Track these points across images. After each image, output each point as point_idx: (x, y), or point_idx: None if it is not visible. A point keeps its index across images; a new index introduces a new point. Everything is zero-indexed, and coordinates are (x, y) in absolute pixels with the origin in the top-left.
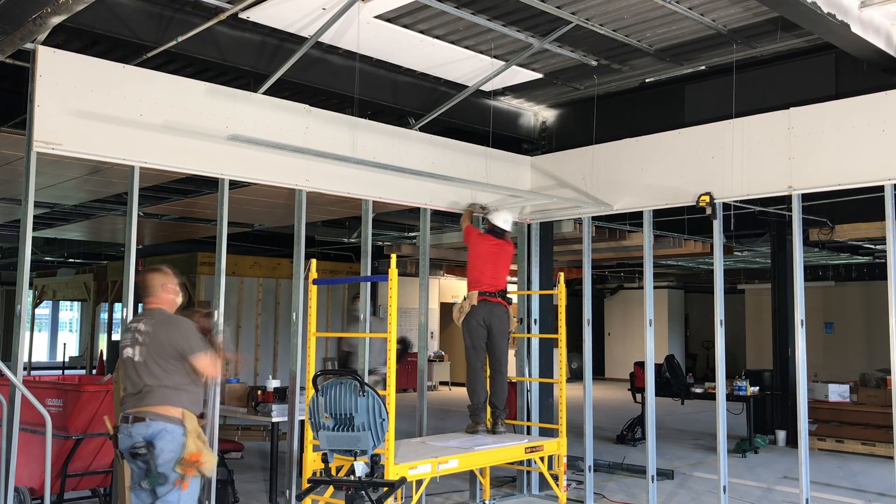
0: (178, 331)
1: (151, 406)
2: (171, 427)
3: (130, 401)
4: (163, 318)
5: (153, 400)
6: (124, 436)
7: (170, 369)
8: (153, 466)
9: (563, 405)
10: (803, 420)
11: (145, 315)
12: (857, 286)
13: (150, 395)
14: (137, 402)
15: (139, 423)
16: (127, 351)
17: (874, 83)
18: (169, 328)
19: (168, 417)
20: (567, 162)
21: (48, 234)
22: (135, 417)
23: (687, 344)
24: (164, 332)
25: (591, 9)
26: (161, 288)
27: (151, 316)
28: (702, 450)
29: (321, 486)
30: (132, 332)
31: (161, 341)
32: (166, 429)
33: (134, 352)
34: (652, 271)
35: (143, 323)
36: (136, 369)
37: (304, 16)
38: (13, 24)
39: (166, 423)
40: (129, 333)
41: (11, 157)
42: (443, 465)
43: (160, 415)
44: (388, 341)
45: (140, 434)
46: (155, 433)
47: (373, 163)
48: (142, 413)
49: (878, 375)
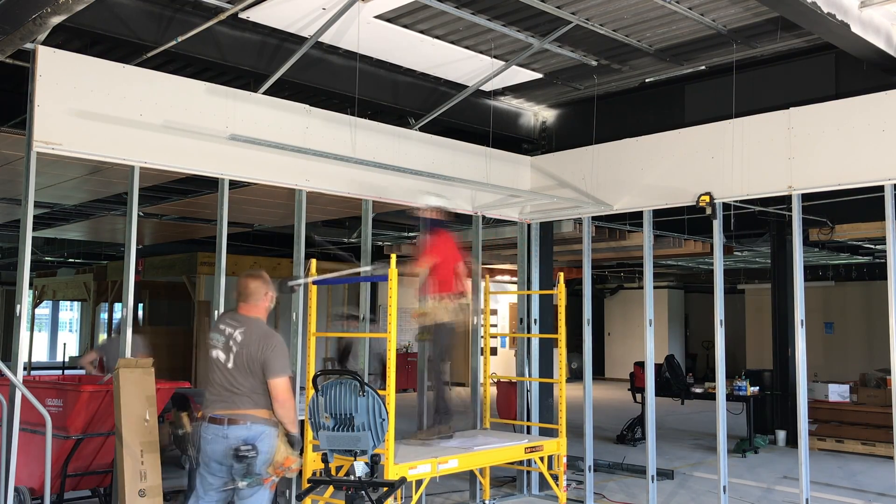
0: (269, 348)
1: (248, 409)
2: (268, 430)
3: (218, 402)
4: (258, 332)
5: (248, 403)
6: (216, 437)
7: (259, 377)
8: (253, 468)
9: (563, 405)
10: (803, 420)
11: (241, 322)
12: (857, 286)
13: (242, 398)
14: (230, 405)
15: (236, 425)
16: (217, 353)
17: (874, 83)
18: (260, 343)
19: (265, 420)
20: (567, 162)
21: (48, 234)
22: (231, 420)
23: (687, 344)
24: (259, 346)
25: (591, 9)
26: (263, 296)
27: (247, 325)
28: (702, 450)
29: (321, 486)
30: (225, 336)
31: (254, 354)
32: (266, 431)
33: (227, 357)
34: (652, 271)
35: (239, 332)
36: (225, 373)
37: (304, 16)
38: (13, 24)
39: (265, 426)
40: (222, 336)
41: (11, 157)
42: (442, 465)
43: (258, 418)
44: (388, 341)
45: (240, 436)
46: (256, 435)
47: (373, 163)
48: (239, 416)
49: (878, 375)
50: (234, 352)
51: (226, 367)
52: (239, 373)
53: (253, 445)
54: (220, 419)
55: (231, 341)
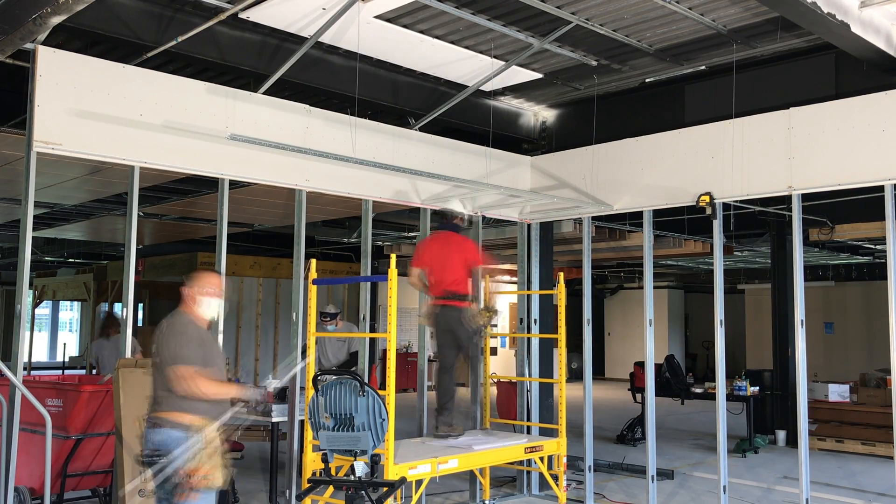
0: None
1: (165, 412)
2: (176, 435)
3: (151, 404)
4: (171, 322)
5: (168, 405)
6: (145, 440)
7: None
8: (162, 473)
9: (563, 405)
10: (803, 420)
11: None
12: (857, 286)
13: (164, 400)
14: (155, 406)
15: (152, 428)
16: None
17: (874, 83)
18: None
19: (178, 425)
20: (567, 162)
21: (48, 234)
22: (150, 422)
23: (687, 344)
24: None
25: (591, 9)
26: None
27: (169, 317)
28: (702, 450)
29: (321, 486)
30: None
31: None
32: (175, 437)
33: (154, 352)
34: (652, 271)
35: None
36: (154, 371)
37: (304, 16)
38: (13, 24)
39: (172, 431)
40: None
41: (11, 157)
42: (442, 465)
43: (170, 421)
44: (388, 341)
45: (153, 441)
46: (162, 440)
47: (373, 163)
48: (153, 419)
49: (878, 375)
50: (154, 350)
51: (154, 364)
52: (159, 372)
53: (157, 451)
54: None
55: (155, 342)
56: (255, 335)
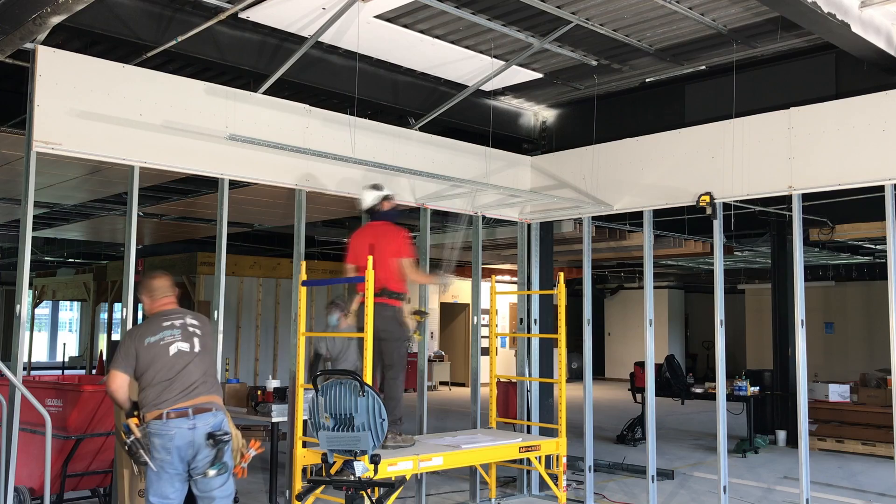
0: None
1: (212, 396)
2: (225, 415)
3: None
4: (202, 317)
5: (208, 390)
6: (180, 430)
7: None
8: (222, 455)
9: (563, 405)
10: (803, 420)
11: (182, 313)
12: (857, 286)
13: (205, 386)
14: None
15: (204, 413)
16: (178, 345)
17: (874, 83)
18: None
19: (221, 406)
20: (567, 162)
21: (48, 234)
22: (198, 409)
23: (687, 344)
24: (208, 328)
25: (591, 9)
26: (171, 289)
27: (188, 314)
28: (702, 450)
29: (318, 486)
30: (177, 328)
31: (209, 335)
32: (225, 418)
33: (191, 344)
34: (652, 271)
35: (188, 318)
36: (193, 361)
37: (303, 16)
38: (13, 23)
39: (223, 412)
40: (174, 330)
41: (11, 157)
42: (425, 462)
43: (219, 404)
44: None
45: (209, 423)
46: (220, 422)
47: (373, 163)
48: (204, 404)
49: (879, 375)
50: (199, 335)
51: (194, 353)
52: (204, 357)
53: (226, 431)
54: (182, 411)
55: (190, 328)
56: (255, 335)
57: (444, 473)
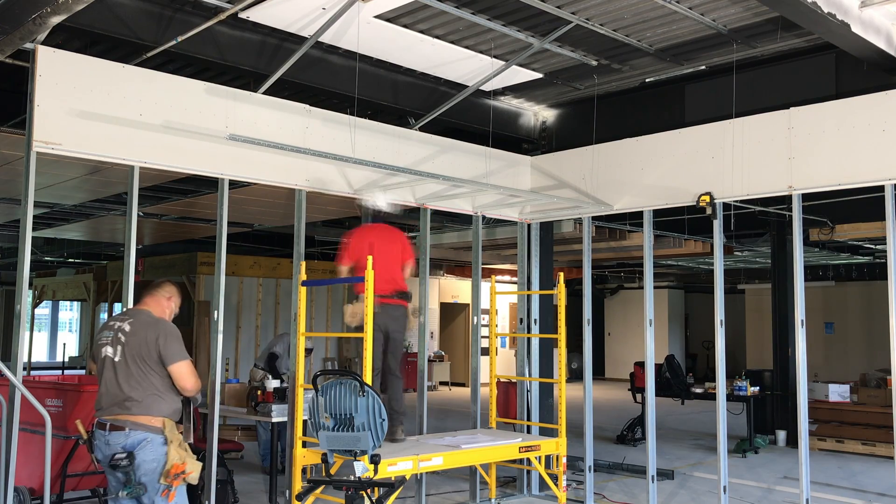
0: (161, 334)
1: (132, 415)
2: (151, 437)
3: (107, 405)
4: (147, 320)
5: (133, 408)
6: (101, 443)
7: (150, 374)
8: (133, 477)
9: (563, 405)
10: (803, 420)
11: (129, 314)
12: (857, 286)
13: (129, 402)
14: (116, 409)
15: (117, 431)
16: (106, 350)
17: (874, 83)
18: (151, 330)
19: (149, 427)
20: (567, 162)
21: (48, 234)
22: (112, 426)
23: (687, 344)
24: (146, 334)
25: (591, 9)
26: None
27: (135, 316)
28: (702, 450)
29: (318, 486)
30: (113, 330)
31: (142, 343)
32: (147, 439)
33: (114, 351)
34: (652, 271)
35: (127, 322)
36: (114, 371)
37: (304, 16)
38: (13, 23)
39: (147, 433)
40: (110, 331)
41: (11, 157)
42: (425, 462)
43: (140, 424)
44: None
45: (119, 444)
46: (135, 443)
47: (373, 163)
48: (121, 421)
49: (879, 375)
50: (123, 342)
51: (114, 361)
52: (130, 367)
53: (129, 453)
54: (103, 424)
55: (120, 333)
56: (255, 335)
57: (444, 473)
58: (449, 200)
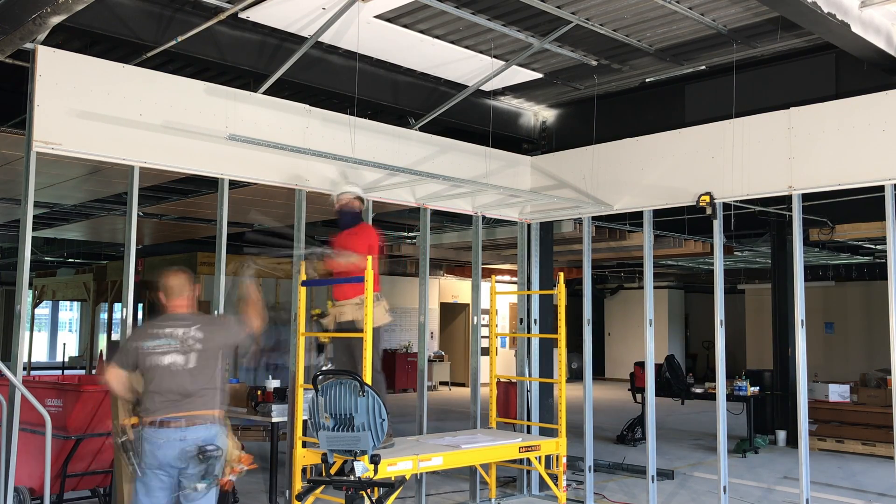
0: (226, 329)
1: (204, 410)
2: (222, 429)
3: (169, 406)
4: (210, 321)
5: (203, 404)
6: (170, 441)
7: (216, 371)
8: (213, 468)
9: (563, 405)
10: (803, 420)
11: (188, 320)
12: (857, 286)
13: (202, 399)
14: (184, 407)
15: (196, 426)
16: (175, 357)
17: (874, 83)
18: (220, 329)
19: (220, 419)
20: (567, 162)
21: (48, 234)
22: (189, 420)
23: (687, 344)
24: (218, 335)
25: (591, 9)
26: (186, 288)
27: (196, 321)
28: (702, 450)
29: (318, 486)
30: (180, 338)
31: (216, 345)
32: (221, 431)
33: (187, 359)
34: (652, 271)
35: (193, 329)
36: (184, 375)
37: (303, 16)
38: (13, 23)
39: (220, 426)
40: (174, 340)
41: (11, 157)
42: (425, 462)
43: (215, 417)
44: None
45: (201, 437)
46: (215, 435)
47: (373, 163)
48: (197, 416)
49: (879, 375)
50: (198, 349)
51: (185, 369)
52: (201, 370)
53: (217, 445)
54: (175, 421)
55: (191, 340)
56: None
57: (444, 473)
58: (449, 200)
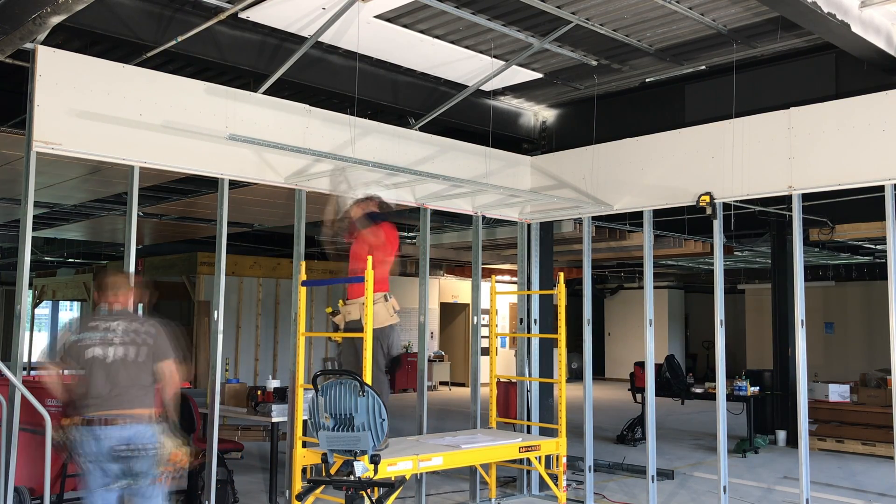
0: (157, 341)
1: (127, 409)
2: (146, 428)
3: (98, 402)
4: (139, 319)
5: (128, 402)
6: (91, 438)
7: (144, 370)
8: (134, 468)
9: (563, 405)
10: (803, 420)
11: (120, 315)
12: (857, 286)
13: (123, 397)
14: (111, 404)
15: (112, 426)
16: (95, 351)
17: (874, 83)
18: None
19: (143, 418)
20: (567, 162)
21: (48, 234)
22: (107, 420)
23: (687, 344)
24: (148, 335)
25: (591, 9)
26: (122, 287)
27: (127, 317)
28: (702, 450)
29: (318, 486)
30: (103, 331)
31: (145, 342)
32: (143, 430)
33: (114, 352)
34: (652, 271)
35: (117, 323)
36: (111, 370)
37: (303, 16)
38: (13, 23)
39: (142, 425)
40: (97, 333)
41: (11, 157)
42: (425, 462)
43: (136, 416)
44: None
45: (117, 436)
46: (131, 435)
47: (373, 163)
48: (117, 415)
49: (879, 375)
50: (116, 344)
51: (104, 363)
52: (127, 366)
53: (128, 446)
54: (95, 420)
55: (110, 334)
56: (255, 335)
57: (443, 473)
58: (449, 200)
